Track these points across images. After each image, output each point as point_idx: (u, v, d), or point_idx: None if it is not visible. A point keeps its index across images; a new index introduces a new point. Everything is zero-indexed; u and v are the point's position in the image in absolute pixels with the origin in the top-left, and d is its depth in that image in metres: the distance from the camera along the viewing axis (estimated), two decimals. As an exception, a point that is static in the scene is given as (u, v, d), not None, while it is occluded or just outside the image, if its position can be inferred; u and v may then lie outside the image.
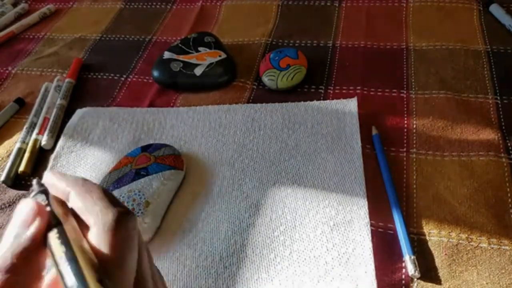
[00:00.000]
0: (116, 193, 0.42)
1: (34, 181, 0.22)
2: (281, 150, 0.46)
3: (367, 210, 0.39)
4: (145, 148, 0.46)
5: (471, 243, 0.37)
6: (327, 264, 0.36)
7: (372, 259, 0.36)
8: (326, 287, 0.35)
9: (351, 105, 0.48)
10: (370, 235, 0.37)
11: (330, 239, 0.38)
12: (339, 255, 0.36)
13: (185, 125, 0.50)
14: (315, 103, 0.50)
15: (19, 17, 0.74)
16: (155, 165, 0.44)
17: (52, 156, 0.49)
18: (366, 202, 0.40)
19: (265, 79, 0.53)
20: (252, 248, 0.38)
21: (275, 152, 0.46)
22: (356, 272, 0.35)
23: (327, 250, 0.37)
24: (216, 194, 0.43)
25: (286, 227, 0.39)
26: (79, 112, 0.53)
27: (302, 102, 0.50)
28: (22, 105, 0.57)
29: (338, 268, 0.36)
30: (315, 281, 0.35)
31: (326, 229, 0.38)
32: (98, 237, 0.20)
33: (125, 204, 0.40)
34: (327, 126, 0.47)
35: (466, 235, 0.37)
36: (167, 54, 0.57)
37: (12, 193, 0.46)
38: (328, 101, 0.50)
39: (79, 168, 0.47)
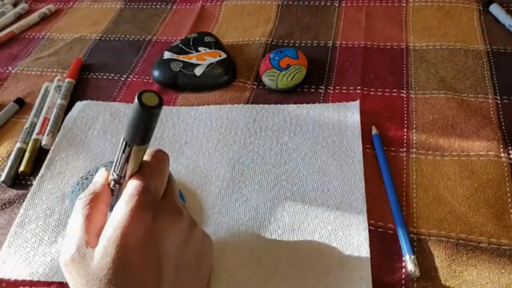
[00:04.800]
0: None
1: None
2: (282, 153, 0.46)
3: (366, 215, 0.39)
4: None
5: (470, 243, 0.37)
6: (324, 269, 0.36)
7: (369, 264, 0.36)
8: None
9: (353, 108, 0.48)
10: (368, 240, 0.37)
11: (328, 244, 0.38)
12: (336, 259, 0.36)
13: (187, 124, 0.50)
14: (317, 105, 0.50)
15: (19, 17, 0.74)
16: None
17: (51, 148, 0.49)
18: (365, 207, 0.40)
19: (265, 79, 0.53)
20: (250, 251, 0.38)
21: (276, 154, 0.46)
22: (353, 277, 0.35)
23: (325, 254, 0.37)
24: (216, 195, 0.43)
25: (284, 230, 0.39)
26: (78, 105, 0.53)
27: (304, 104, 0.50)
28: (22, 105, 0.57)
29: (335, 273, 0.35)
30: (312, 285, 0.35)
31: (324, 233, 0.38)
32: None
33: None
34: (328, 129, 0.47)
35: (466, 235, 0.37)
36: (167, 54, 0.57)
37: (12, 193, 0.46)
38: (330, 103, 0.50)
39: (78, 162, 0.47)
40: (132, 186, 0.29)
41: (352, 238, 0.38)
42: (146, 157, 0.30)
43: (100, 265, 0.27)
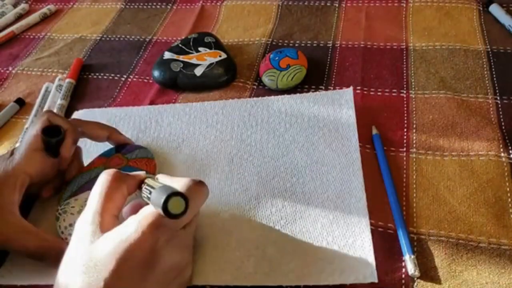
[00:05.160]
0: (86, 195, 0.40)
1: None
2: (279, 145, 0.46)
3: (366, 202, 0.39)
4: (120, 149, 0.46)
5: (470, 243, 0.37)
6: (328, 257, 0.36)
7: (372, 250, 0.36)
8: (328, 279, 0.35)
9: (347, 95, 0.49)
10: (369, 226, 0.38)
11: (330, 233, 0.38)
12: (339, 248, 0.37)
13: (182, 122, 0.50)
14: (311, 94, 0.50)
15: (19, 17, 0.74)
16: (127, 168, 0.43)
17: None
18: (364, 194, 0.40)
19: (265, 79, 0.53)
20: (255, 243, 0.38)
21: (273, 146, 0.46)
22: (357, 264, 0.35)
23: (328, 243, 0.37)
24: (215, 186, 0.43)
25: (286, 221, 0.40)
26: (76, 114, 0.54)
27: (298, 94, 0.50)
28: (23, 105, 0.57)
29: (339, 260, 0.36)
30: (317, 274, 0.35)
31: (326, 222, 0.39)
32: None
33: None
34: (323, 118, 0.47)
35: (466, 235, 0.37)
36: (167, 54, 0.57)
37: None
38: (323, 92, 0.50)
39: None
40: (152, 208, 0.31)
41: (354, 225, 0.38)
42: (184, 186, 0.32)
43: (99, 264, 0.29)
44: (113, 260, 0.29)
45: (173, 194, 0.29)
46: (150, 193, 0.32)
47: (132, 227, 0.30)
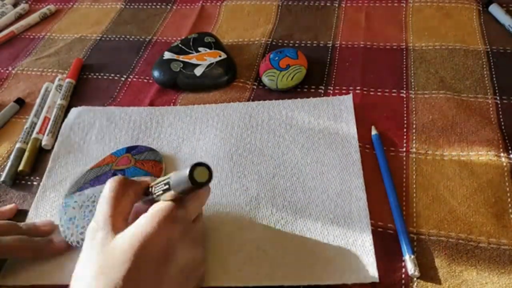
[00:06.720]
0: (89, 191, 0.42)
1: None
2: (279, 144, 0.46)
3: (366, 202, 0.40)
4: (130, 149, 0.47)
5: (470, 243, 0.37)
6: (329, 257, 0.36)
7: (373, 249, 0.36)
8: (329, 279, 0.35)
9: (347, 101, 0.49)
10: (370, 225, 0.38)
11: (331, 232, 0.38)
12: (340, 247, 0.37)
13: (183, 123, 0.50)
14: (312, 99, 0.50)
15: (19, 17, 0.74)
16: (133, 169, 0.44)
17: (51, 157, 0.49)
18: (365, 194, 0.40)
19: (265, 79, 0.53)
20: (256, 244, 0.38)
21: (273, 146, 0.46)
22: (358, 263, 0.36)
23: (328, 242, 0.37)
24: (215, 186, 0.43)
25: (287, 220, 0.40)
26: (74, 111, 0.53)
27: (299, 99, 0.51)
28: (22, 105, 0.57)
29: (340, 260, 0.36)
30: (318, 274, 0.35)
31: (327, 222, 0.39)
32: None
33: (95, 204, 0.40)
34: (323, 121, 0.48)
35: (466, 235, 0.37)
36: (167, 54, 0.57)
37: (13, 193, 0.46)
38: (324, 97, 0.51)
39: (77, 169, 0.47)
40: (164, 203, 0.32)
41: (354, 224, 0.38)
42: None
43: (116, 263, 0.29)
44: (131, 257, 0.29)
45: (197, 164, 0.31)
46: (166, 184, 0.32)
47: (147, 222, 0.30)
